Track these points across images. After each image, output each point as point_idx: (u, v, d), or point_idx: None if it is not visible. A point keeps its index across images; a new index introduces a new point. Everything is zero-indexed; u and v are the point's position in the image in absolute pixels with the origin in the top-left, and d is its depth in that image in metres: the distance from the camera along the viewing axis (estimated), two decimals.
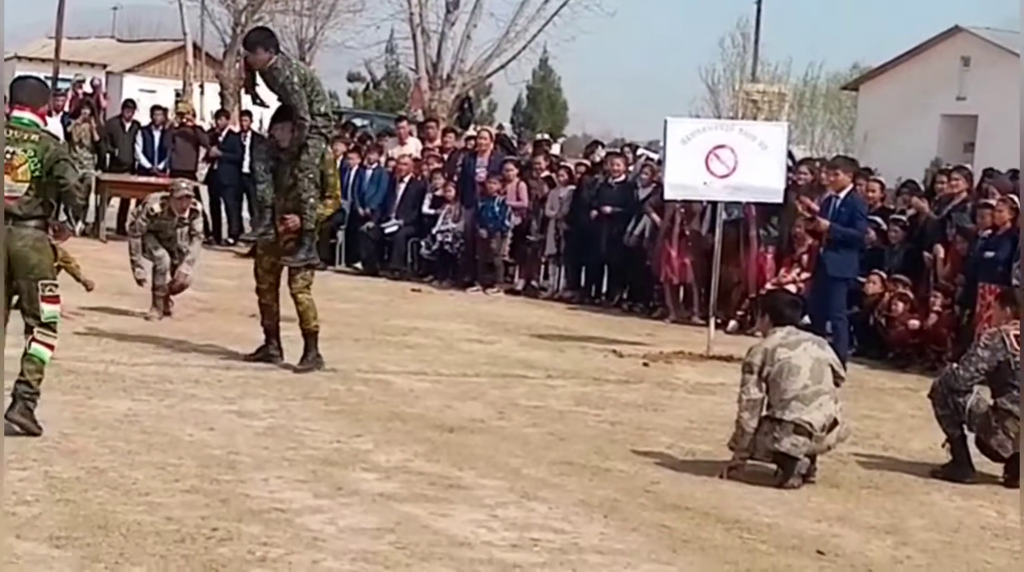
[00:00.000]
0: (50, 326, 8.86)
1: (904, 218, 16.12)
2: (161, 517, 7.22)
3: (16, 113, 8.84)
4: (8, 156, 8.58)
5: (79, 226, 20.59)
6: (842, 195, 14.28)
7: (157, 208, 14.34)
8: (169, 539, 6.87)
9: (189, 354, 12.17)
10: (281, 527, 7.24)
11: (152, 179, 22.68)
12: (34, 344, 8.84)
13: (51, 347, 8.87)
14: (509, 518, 7.77)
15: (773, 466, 9.17)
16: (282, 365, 11.80)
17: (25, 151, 8.68)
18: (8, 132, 8.67)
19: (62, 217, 9.43)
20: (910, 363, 14.81)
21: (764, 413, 9.06)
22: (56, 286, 8.91)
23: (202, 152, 23.48)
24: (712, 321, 15.10)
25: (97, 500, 7.47)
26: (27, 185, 8.68)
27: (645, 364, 13.86)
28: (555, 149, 26.17)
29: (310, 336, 11.85)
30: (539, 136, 27.30)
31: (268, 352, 12.04)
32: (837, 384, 9.31)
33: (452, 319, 15.90)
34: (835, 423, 9.14)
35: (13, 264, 8.69)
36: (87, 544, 6.70)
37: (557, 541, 7.40)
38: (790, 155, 17.02)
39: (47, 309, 8.82)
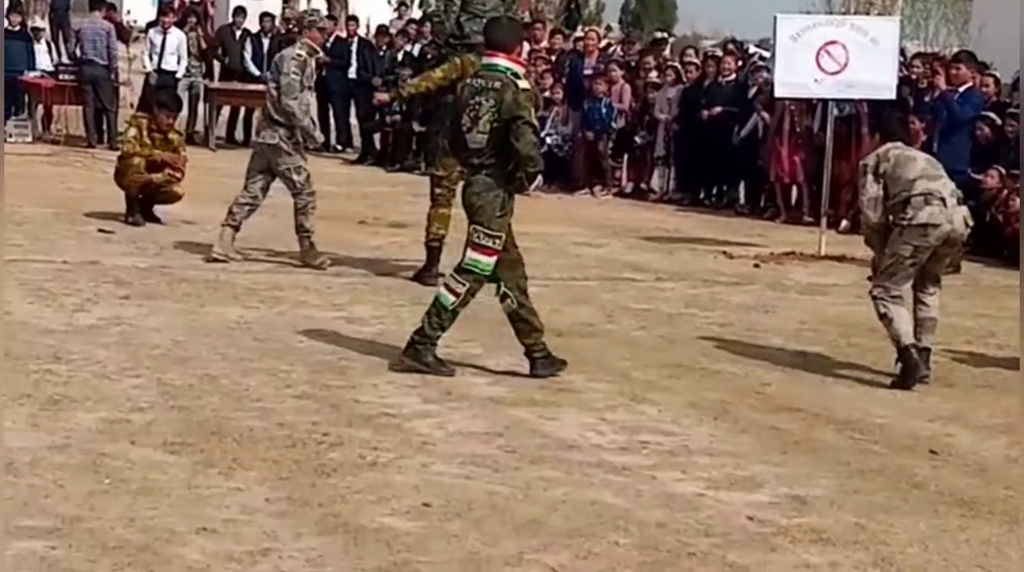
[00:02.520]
0: (466, 272, 8.57)
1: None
2: (273, 423, 7.29)
3: (488, 59, 8.65)
4: (476, 107, 8.44)
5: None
6: (961, 90, 14.03)
7: (301, 52, 12.38)
8: (281, 444, 6.94)
9: (299, 261, 12.22)
10: (391, 432, 7.28)
11: (261, 87, 22.75)
12: (441, 287, 8.76)
13: (456, 294, 8.56)
14: (618, 421, 7.76)
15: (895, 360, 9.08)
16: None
17: (487, 100, 8.45)
18: (476, 81, 8.53)
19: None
20: None
21: (891, 216, 9.07)
22: (494, 238, 8.54)
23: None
24: (824, 221, 14.93)
25: (210, 406, 7.56)
26: (486, 136, 8.48)
27: (756, 265, 13.74)
28: (666, 51, 25.87)
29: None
30: (656, 35, 27.00)
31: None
32: None
33: (561, 222, 15.84)
34: (961, 201, 9.19)
35: (466, 212, 8.66)
36: (200, 450, 6.78)
37: (666, 444, 7.38)
38: (903, 51, 16.73)
39: (470, 255, 8.58)
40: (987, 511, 6.60)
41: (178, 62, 21.82)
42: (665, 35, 27.17)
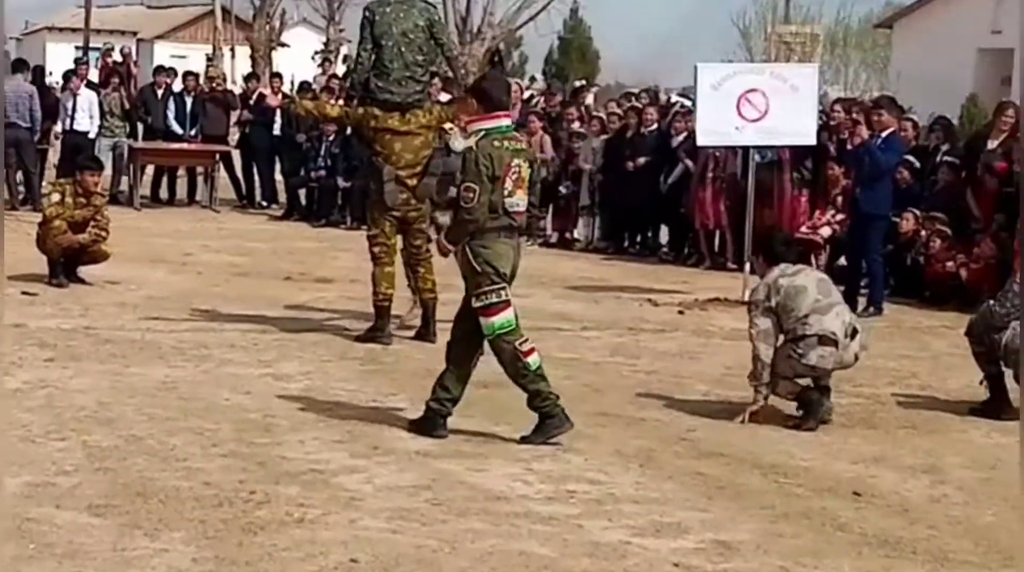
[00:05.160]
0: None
1: (955, 159, 15.88)
2: (199, 482, 7.27)
3: (506, 121, 8.58)
4: (518, 169, 8.39)
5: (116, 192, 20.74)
6: (884, 135, 14.22)
7: None
8: (207, 503, 6.92)
9: (225, 319, 12.22)
10: (318, 488, 7.28)
11: (185, 145, 22.78)
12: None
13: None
14: (545, 471, 7.79)
15: (794, 404, 9.17)
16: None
17: (525, 161, 8.47)
18: (508, 144, 8.42)
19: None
20: (947, 301, 14.71)
21: (785, 338, 9.06)
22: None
23: (233, 116, 23.51)
24: (747, 266, 15.05)
25: (136, 467, 7.52)
26: (527, 198, 8.52)
27: (680, 312, 13.84)
28: (589, 98, 26.06)
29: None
30: (577, 83, 27.17)
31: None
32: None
33: None
34: (855, 331, 9.14)
35: (514, 275, 8.57)
36: (126, 512, 6.75)
37: (593, 492, 7.42)
38: (823, 96, 16.93)
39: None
40: (911, 551, 6.68)
41: (91, 121, 21.78)
42: (585, 83, 27.33)
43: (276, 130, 22.36)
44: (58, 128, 22.08)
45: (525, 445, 8.30)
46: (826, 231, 16.22)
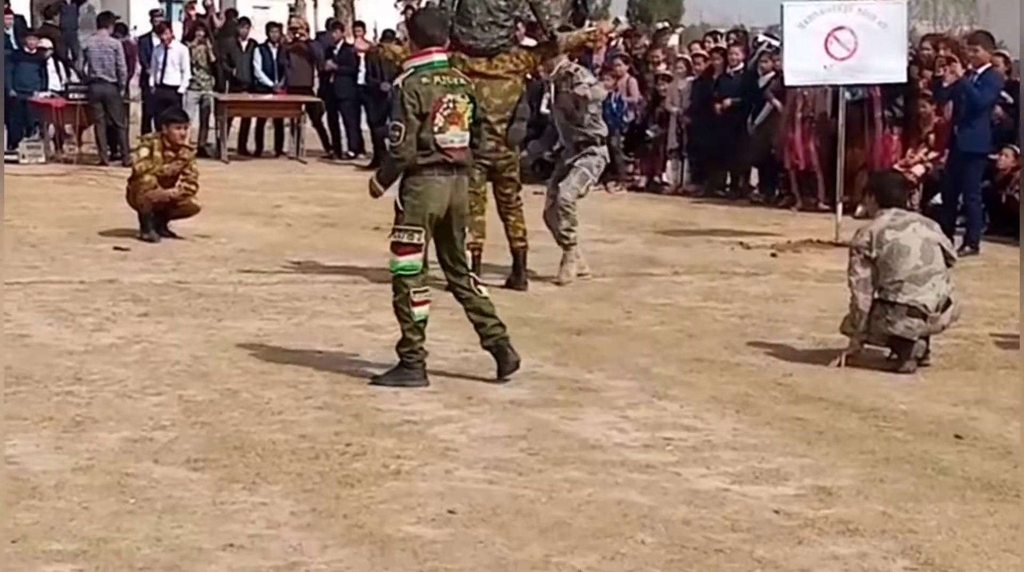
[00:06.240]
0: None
1: None
2: (295, 435, 7.28)
3: (438, 56, 8.54)
4: (451, 105, 8.37)
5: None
6: (980, 71, 13.99)
7: None
8: (304, 456, 6.93)
9: (315, 271, 12.23)
10: (413, 439, 7.27)
11: (271, 97, 22.81)
12: (483, 289, 8.68)
13: None
14: (640, 418, 7.74)
15: (888, 350, 9.05)
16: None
17: (463, 96, 8.45)
18: (440, 79, 8.39)
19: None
20: None
21: (876, 296, 8.92)
22: None
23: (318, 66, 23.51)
24: (839, 207, 14.89)
25: (232, 421, 7.55)
26: (467, 134, 8.51)
27: (773, 254, 13.72)
28: (673, 39, 25.82)
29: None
30: (659, 25, 26.96)
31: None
32: (948, 264, 9.14)
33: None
34: (948, 302, 8.99)
35: (454, 213, 8.47)
36: (224, 465, 6.77)
37: (689, 439, 7.36)
38: (912, 32, 16.68)
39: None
40: (1014, 494, 6.56)
41: (181, 75, 21.86)
42: (669, 24, 27.10)
43: (360, 79, 22.33)
44: (149, 81, 22.18)
45: (614, 393, 8.24)
46: (919, 170, 16.00)
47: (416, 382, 8.31)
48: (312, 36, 24.71)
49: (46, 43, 21.92)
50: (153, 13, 25.29)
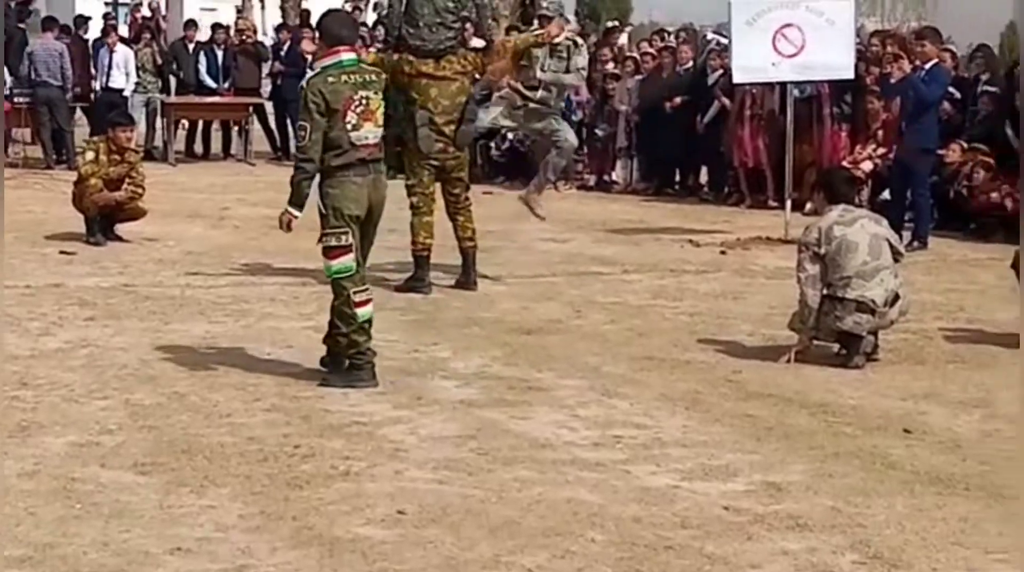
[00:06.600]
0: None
1: (995, 88, 15.75)
2: (243, 438, 7.23)
3: (347, 55, 8.44)
4: (364, 102, 8.34)
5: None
6: (927, 67, 14.07)
7: None
8: (252, 459, 6.88)
9: (264, 273, 12.18)
10: (362, 440, 7.23)
11: (218, 99, 22.71)
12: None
13: None
14: (590, 417, 7.73)
15: (837, 346, 9.08)
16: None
17: (376, 93, 8.42)
18: (349, 78, 8.34)
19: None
20: (993, 233, 14.55)
21: (824, 292, 8.95)
22: None
23: (265, 68, 23.44)
24: (788, 203, 14.94)
25: (179, 425, 7.49)
26: (380, 130, 8.48)
27: (722, 252, 13.75)
28: (622, 38, 25.83)
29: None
30: (609, 24, 26.97)
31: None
32: (896, 260, 9.17)
33: (525, 219, 15.74)
34: (896, 297, 9.02)
35: (373, 212, 8.48)
36: (171, 469, 6.72)
37: (640, 437, 7.35)
38: (860, 29, 16.76)
39: None
40: (963, 488, 6.59)
41: (126, 79, 21.73)
42: (618, 23, 27.13)
43: None
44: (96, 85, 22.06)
45: (564, 392, 8.24)
46: (867, 166, 16.07)
47: (365, 383, 8.28)
48: (260, 38, 24.61)
49: None
50: (106, 17, 25.15)
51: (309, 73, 9.32)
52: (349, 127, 8.26)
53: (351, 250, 8.36)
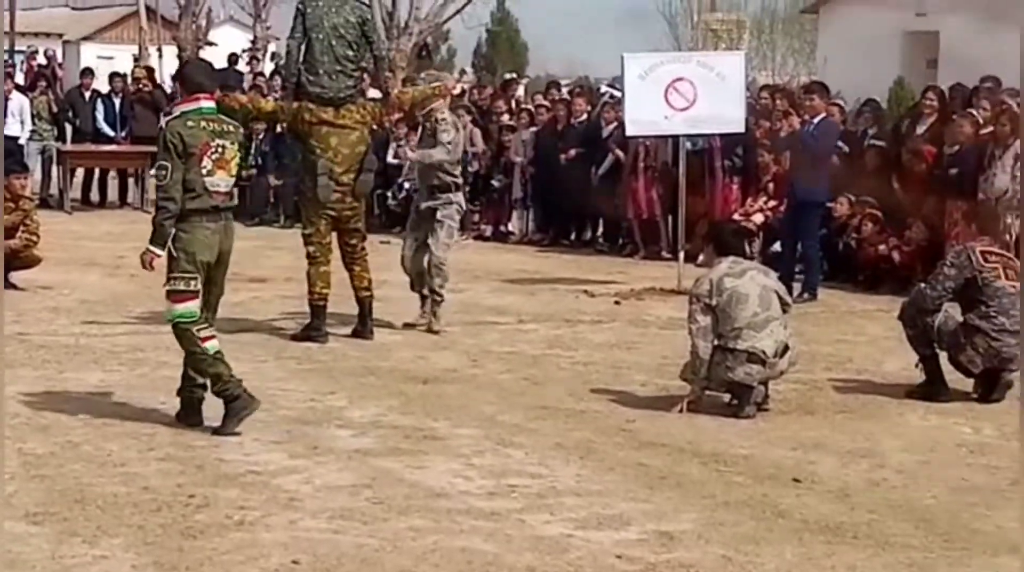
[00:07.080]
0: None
1: (882, 142, 16.02)
2: (137, 487, 7.21)
3: (206, 103, 8.52)
4: (220, 150, 8.38)
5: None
6: (816, 121, 14.32)
7: None
8: (146, 509, 6.86)
9: (159, 322, 12.08)
10: (257, 490, 7.23)
11: (115, 147, 22.59)
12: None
13: None
14: (486, 466, 7.78)
15: (728, 396, 9.21)
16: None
17: (232, 143, 8.46)
18: (207, 125, 8.40)
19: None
20: (881, 285, 14.80)
21: (716, 343, 9.08)
22: None
23: (163, 116, 23.34)
24: (681, 255, 15.11)
25: (72, 474, 7.45)
26: (233, 180, 8.56)
27: (617, 302, 13.87)
28: (519, 90, 26.03)
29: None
30: (506, 76, 27.15)
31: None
32: (785, 310, 9.31)
33: None
34: (786, 348, 9.17)
35: (223, 259, 8.56)
36: (64, 519, 6.69)
37: (534, 486, 7.42)
38: (751, 83, 17.01)
39: None
40: (852, 536, 6.71)
41: (21, 127, 21.57)
42: (515, 76, 27.34)
43: None
44: None
45: (460, 441, 8.28)
46: (759, 218, 16.29)
47: (248, 410, 8.33)
48: (158, 82, 24.50)
49: None
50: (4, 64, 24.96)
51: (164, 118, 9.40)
52: (204, 172, 8.36)
53: (196, 296, 8.46)
